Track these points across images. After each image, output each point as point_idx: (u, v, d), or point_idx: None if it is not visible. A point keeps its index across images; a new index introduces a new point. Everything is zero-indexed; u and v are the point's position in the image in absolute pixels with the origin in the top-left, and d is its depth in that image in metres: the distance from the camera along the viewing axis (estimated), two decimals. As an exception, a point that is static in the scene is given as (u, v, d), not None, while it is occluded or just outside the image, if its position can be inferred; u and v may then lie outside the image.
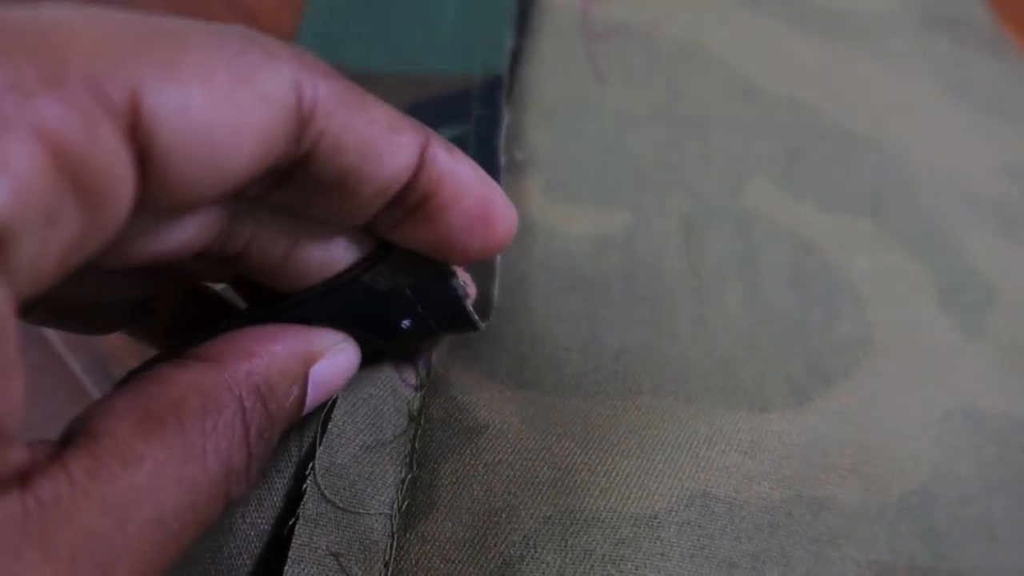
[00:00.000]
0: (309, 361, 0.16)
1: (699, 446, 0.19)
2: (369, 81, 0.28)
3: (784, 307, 0.24)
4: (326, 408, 0.18)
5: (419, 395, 0.20)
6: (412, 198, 0.15)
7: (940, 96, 0.31)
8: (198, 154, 0.12)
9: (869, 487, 0.20)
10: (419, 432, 0.19)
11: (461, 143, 0.26)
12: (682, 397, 0.21)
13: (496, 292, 0.21)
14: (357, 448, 0.18)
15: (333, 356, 0.17)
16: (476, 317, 0.18)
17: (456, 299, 0.17)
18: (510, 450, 0.19)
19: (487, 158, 0.25)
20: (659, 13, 0.32)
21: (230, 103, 0.12)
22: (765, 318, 0.23)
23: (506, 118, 0.26)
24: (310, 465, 0.18)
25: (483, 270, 0.21)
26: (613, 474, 0.19)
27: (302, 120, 0.13)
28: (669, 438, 0.19)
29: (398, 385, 0.20)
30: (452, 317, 0.18)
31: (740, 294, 0.24)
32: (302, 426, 0.18)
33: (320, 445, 0.18)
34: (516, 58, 0.29)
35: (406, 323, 0.17)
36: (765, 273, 0.25)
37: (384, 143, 0.14)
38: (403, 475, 0.19)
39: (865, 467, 0.21)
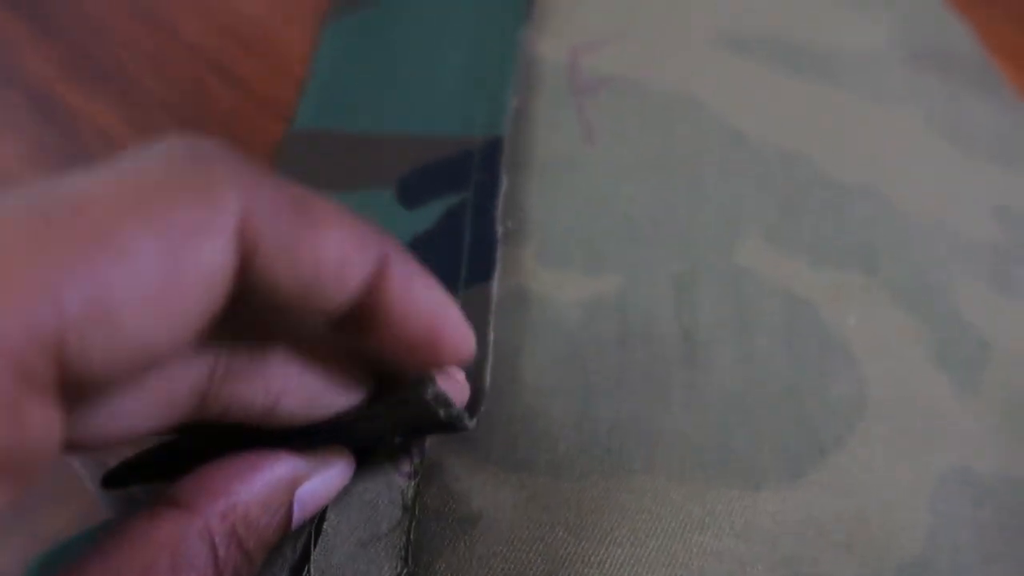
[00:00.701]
0: (294, 487, 0.16)
1: (692, 530, 0.20)
2: (370, 144, 0.29)
3: (777, 370, 0.24)
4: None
5: (413, 483, 0.20)
6: (355, 315, 0.15)
7: (931, 138, 0.31)
8: (129, 361, 0.12)
9: (865, 563, 0.20)
10: (413, 523, 0.19)
11: (459, 211, 0.26)
12: (675, 475, 0.21)
13: (488, 379, 0.21)
14: (353, 545, 0.19)
15: (321, 474, 0.17)
16: (467, 422, 0.18)
17: (446, 422, 0.17)
18: (504, 542, 0.19)
19: (484, 229, 0.25)
20: (647, 62, 0.32)
21: (163, 301, 0.11)
22: (758, 383, 0.23)
23: (505, 184, 0.26)
24: (305, 568, 0.18)
25: (476, 357, 0.21)
26: (606, 565, 0.19)
27: (240, 271, 0.13)
28: (662, 524, 0.20)
29: (393, 476, 0.20)
30: (443, 429, 0.18)
31: (732, 357, 0.24)
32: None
33: (315, 548, 0.18)
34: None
35: (398, 439, 0.17)
36: (757, 335, 0.24)
37: (326, 278, 0.13)
38: (399, 570, 0.19)
39: (860, 540, 0.21)
